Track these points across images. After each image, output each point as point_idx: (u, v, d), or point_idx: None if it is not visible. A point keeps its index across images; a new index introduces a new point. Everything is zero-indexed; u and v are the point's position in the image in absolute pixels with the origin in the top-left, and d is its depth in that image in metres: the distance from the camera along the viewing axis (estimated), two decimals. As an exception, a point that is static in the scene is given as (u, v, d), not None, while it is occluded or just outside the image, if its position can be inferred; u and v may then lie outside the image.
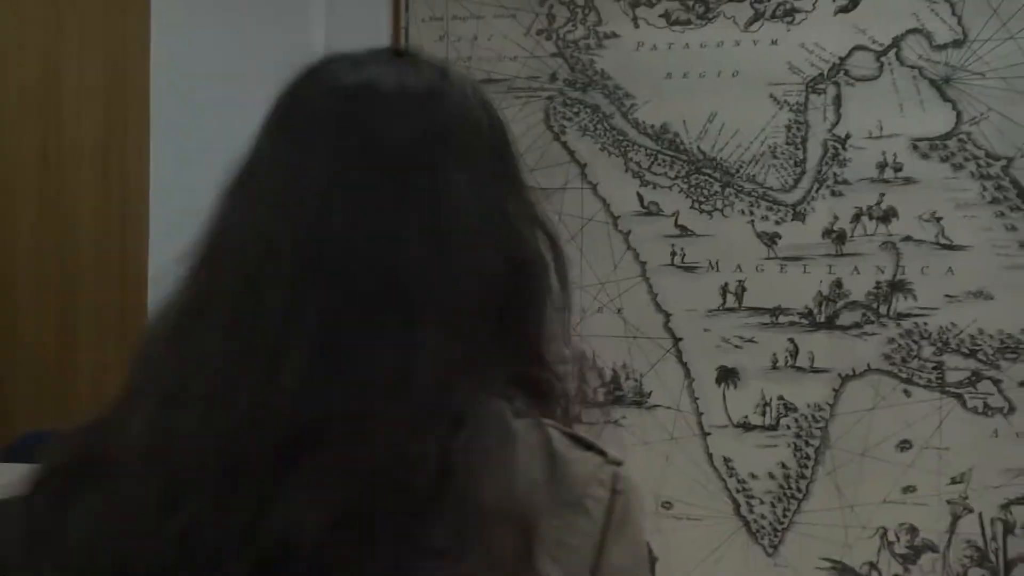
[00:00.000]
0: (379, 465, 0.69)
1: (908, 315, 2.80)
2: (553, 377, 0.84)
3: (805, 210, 2.89)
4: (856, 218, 2.85)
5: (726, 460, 2.88)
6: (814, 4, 2.89)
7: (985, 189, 2.79)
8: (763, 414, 2.89)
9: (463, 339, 0.75)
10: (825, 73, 2.89)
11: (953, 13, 2.79)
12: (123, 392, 0.82)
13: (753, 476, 2.88)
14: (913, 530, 2.82)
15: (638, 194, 3.09)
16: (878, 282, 2.83)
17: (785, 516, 2.86)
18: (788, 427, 2.86)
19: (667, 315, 3.08)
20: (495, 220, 0.82)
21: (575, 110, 3.28)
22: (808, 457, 2.84)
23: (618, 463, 0.81)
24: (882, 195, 2.82)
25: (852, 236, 2.85)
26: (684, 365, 3.00)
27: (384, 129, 0.80)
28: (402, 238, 0.76)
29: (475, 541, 0.71)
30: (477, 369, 0.77)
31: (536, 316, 0.83)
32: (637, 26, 3.08)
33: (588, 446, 0.81)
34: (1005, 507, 2.79)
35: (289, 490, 0.69)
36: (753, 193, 2.92)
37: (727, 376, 2.90)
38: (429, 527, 0.70)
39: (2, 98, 3.76)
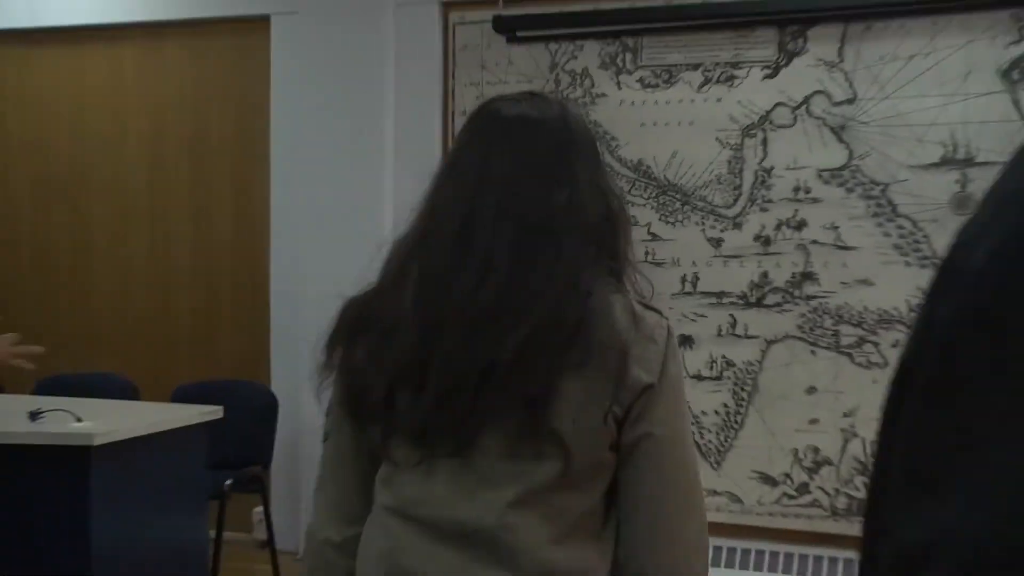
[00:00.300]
0: (544, 318, 1.03)
1: (815, 297, 3.19)
2: (629, 273, 1.17)
3: (741, 221, 3.31)
4: (778, 227, 3.28)
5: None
6: (747, 72, 3.32)
7: (869, 207, 3.17)
8: (711, 368, 3.26)
9: (584, 252, 1.08)
10: (755, 122, 3.30)
11: (846, 80, 3.21)
12: (381, 282, 1.16)
13: (703, 413, 3.26)
14: (816, 450, 3.21)
15: (621, 210, 3.40)
16: (793, 273, 3.25)
17: (726, 442, 3.25)
18: (729, 378, 3.24)
19: (641, 298, 3.26)
20: (596, 189, 1.14)
21: (575, 149, 3.53)
22: (743, 399, 3.23)
23: (667, 319, 1.14)
24: (796, 210, 3.24)
25: (775, 240, 3.28)
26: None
27: (534, 141, 1.13)
28: (551, 200, 1.09)
29: (594, 358, 1.03)
30: (591, 267, 1.08)
31: (620, 241, 1.16)
32: (620, 88, 3.50)
33: (650, 308, 1.12)
34: (881, 433, 3.16)
35: (498, 328, 1.03)
36: (704, 209, 3.28)
37: (685, 341, 3.24)
38: (570, 351, 1.03)
39: (166, 149, 4.28)
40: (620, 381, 1.09)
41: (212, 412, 3.13)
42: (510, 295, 1.08)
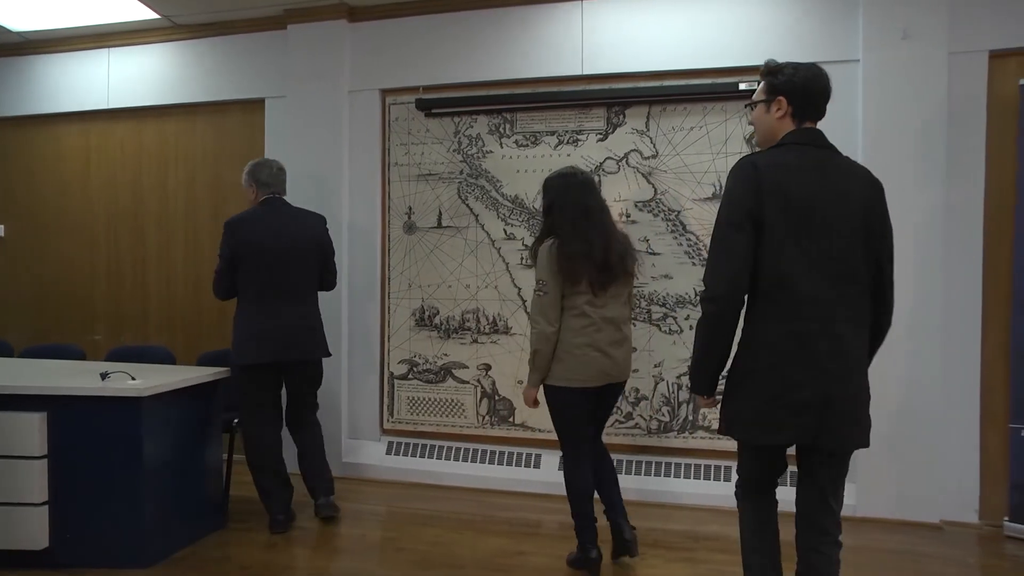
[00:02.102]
0: (619, 242, 2.60)
1: (635, 286, 3.32)
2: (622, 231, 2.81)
3: (587, 235, 3.66)
4: (610, 239, 3.68)
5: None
6: (587, 137, 3.70)
7: (668, 226, 3.54)
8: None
9: (611, 220, 2.67)
10: (593, 170, 3.64)
11: (652, 143, 3.62)
12: (561, 238, 2.57)
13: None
14: (637, 390, 3.57)
15: (504, 229, 3.78)
16: (621, 270, 3.72)
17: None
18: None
19: (518, 288, 3.71)
20: (600, 197, 2.68)
21: (472, 188, 3.82)
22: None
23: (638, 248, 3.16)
24: (621, 228, 3.15)
25: (608, 248, 3.68)
26: (527, 314, 3.57)
27: (584, 187, 2.62)
28: (595, 202, 2.59)
29: (630, 252, 2.64)
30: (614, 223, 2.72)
31: (609, 217, 2.70)
32: (502, 147, 3.81)
33: (634, 243, 2.87)
34: (678, 377, 3.51)
35: (611, 247, 2.54)
36: (561, 228, 3.59)
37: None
38: (628, 251, 2.63)
39: (197, 189, 4.34)
40: (633, 257, 2.66)
41: (223, 372, 3.25)
42: (608, 237, 2.54)
